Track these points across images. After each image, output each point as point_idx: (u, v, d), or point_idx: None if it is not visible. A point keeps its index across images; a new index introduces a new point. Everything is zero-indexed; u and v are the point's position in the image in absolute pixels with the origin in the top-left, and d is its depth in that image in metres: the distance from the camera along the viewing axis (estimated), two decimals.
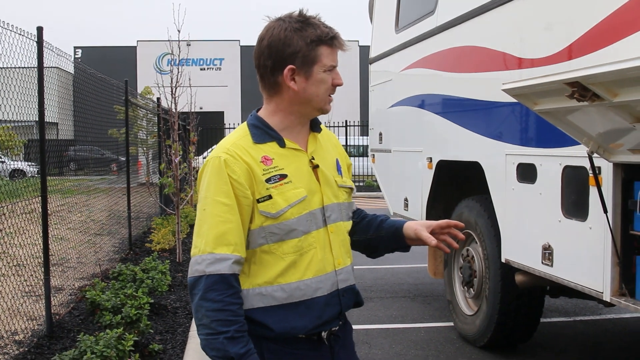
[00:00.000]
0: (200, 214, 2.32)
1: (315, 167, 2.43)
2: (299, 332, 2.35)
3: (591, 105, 3.37)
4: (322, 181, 2.44)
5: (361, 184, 28.16)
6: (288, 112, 2.42)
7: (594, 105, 3.36)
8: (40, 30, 6.36)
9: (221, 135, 32.55)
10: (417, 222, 2.57)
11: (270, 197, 2.30)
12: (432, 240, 2.48)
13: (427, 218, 7.21)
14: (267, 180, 2.30)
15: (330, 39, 2.36)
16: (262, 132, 2.39)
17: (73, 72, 9.92)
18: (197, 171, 14.60)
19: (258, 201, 2.30)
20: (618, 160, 4.01)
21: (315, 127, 2.53)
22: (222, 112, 44.86)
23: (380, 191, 9.28)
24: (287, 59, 2.33)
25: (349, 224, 2.56)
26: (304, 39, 2.32)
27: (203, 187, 2.34)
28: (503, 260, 5.53)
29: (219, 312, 2.20)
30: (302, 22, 2.35)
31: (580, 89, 3.31)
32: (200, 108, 21.91)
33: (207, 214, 2.29)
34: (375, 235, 2.65)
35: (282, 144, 2.39)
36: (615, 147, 3.93)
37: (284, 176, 2.33)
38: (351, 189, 2.60)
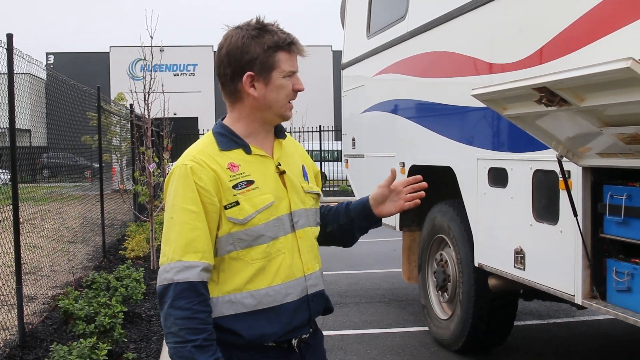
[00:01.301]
0: (167, 222, 2.32)
1: (282, 173, 2.45)
2: (268, 339, 2.35)
3: (559, 110, 3.41)
4: (289, 187, 2.45)
5: (336, 188, 28.18)
6: (251, 119, 2.43)
7: (562, 110, 3.41)
8: (10, 37, 6.31)
9: (195, 141, 32.41)
10: (379, 188, 2.68)
11: (237, 203, 2.30)
12: (398, 205, 2.68)
13: (401, 222, 7.24)
14: (234, 187, 2.31)
15: (288, 45, 2.38)
16: (227, 140, 2.41)
17: (45, 79, 9.84)
18: None
19: (225, 207, 2.30)
20: (587, 164, 4.05)
21: (279, 133, 2.55)
22: (197, 118, 44.71)
23: (354, 196, 9.29)
24: (245, 66, 2.35)
25: (316, 230, 2.57)
26: (262, 46, 2.34)
27: (170, 195, 2.35)
28: (476, 264, 5.56)
29: (187, 320, 2.19)
30: (260, 29, 2.36)
31: (548, 94, 3.35)
32: (174, 114, 21.83)
33: (174, 222, 2.29)
34: (346, 220, 2.70)
35: (248, 151, 2.40)
36: (584, 151, 3.98)
37: (250, 182, 2.34)
38: (318, 194, 2.61)
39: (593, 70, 2.96)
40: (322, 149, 31.17)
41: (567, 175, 4.12)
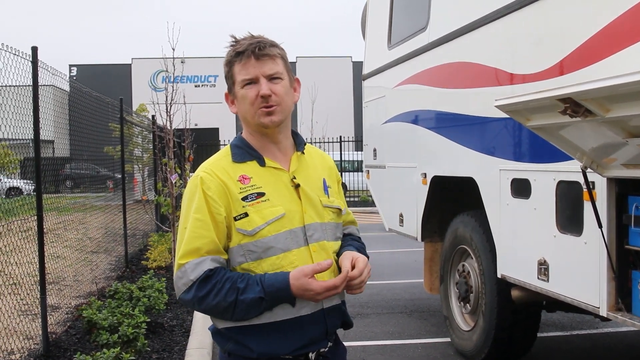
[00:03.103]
0: (180, 231, 2.39)
1: (296, 186, 2.45)
2: (281, 354, 2.36)
3: (584, 120, 3.39)
4: (304, 200, 2.44)
5: (356, 199, 28.18)
6: (248, 132, 2.51)
7: (587, 120, 3.39)
8: (35, 50, 6.38)
9: (216, 152, 32.54)
10: (346, 253, 2.48)
11: (246, 214, 2.33)
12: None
13: (423, 234, 7.22)
14: (244, 199, 2.34)
15: (236, 55, 2.39)
16: (243, 152, 2.46)
17: (69, 91, 9.93)
18: None
19: (235, 219, 2.34)
20: (612, 175, 4.03)
21: (299, 146, 2.56)
22: (217, 129, 44.88)
23: (375, 206, 9.29)
24: (228, 86, 2.48)
25: (335, 244, 2.53)
26: (225, 63, 2.44)
27: (184, 205, 2.42)
28: (499, 275, 5.54)
29: (222, 294, 2.26)
30: (231, 46, 2.43)
31: (572, 105, 3.34)
32: (195, 125, 21.93)
33: (186, 231, 2.35)
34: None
35: (262, 163, 2.44)
36: (608, 162, 3.96)
37: (261, 194, 2.37)
38: (339, 209, 2.59)
39: (619, 80, 2.95)
40: (343, 159, 31.19)
41: (591, 186, 4.09)
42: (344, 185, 31.60)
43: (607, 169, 3.99)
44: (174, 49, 11.02)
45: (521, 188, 5.13)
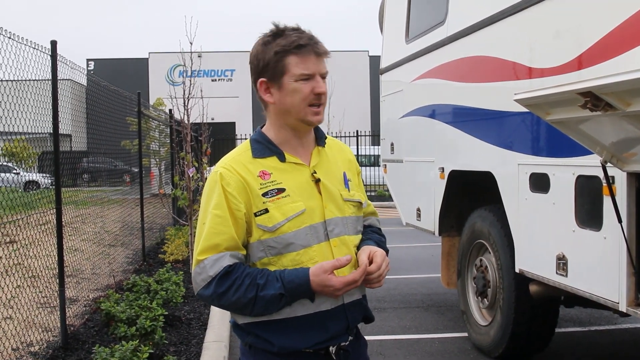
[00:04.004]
0: (199, 227, 2.38)
1: (317, 181, 2.43)
2: (301, 347, 2.36)
3: (604, 115, 3.37)
4: (325, 195, 2.43)
5: (373, 193, 28.14)
6: (278, 125, 2.44)
7: (607, 115, 3.37)
8: (54, 44, 6.42)
9: (233, 146, 32.66)
10: (364, 247, 2.47)
11: (266, 210, 2.32)
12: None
13: (440, 228, 7.20)
14: (264, 195, 2.33)
15: (297, 47, 2.33)
16: (263, 147, 2.43)
17: (86, 85, 9.98)
18: None
19: (255, 215, 2.33)
20: (632, 170, 4.00)
21: (319, 140, 2.54)
22: (234, 123, 44.99)
23: (393, 201, 9.27)
24: (260, 73, 2.38)
25: (355, 238, 2.51)
26: (271, 51, 2.34)
27: (203, 201, 2.42)
28: (517, 270, 5.52)
29: (241, 290, 2.26)
30: (273, 35, 2.37)
31: (593, 99, 3.31)
32: (212, 119, 21.99)
33: (205, 227, 2.34)
34: None
35: (282, 159, 2.41)
36: (628, 157, 3.93)
37: (281, 190, 2.35)
38: (359, 202, 2.57)
39: (618, 78, 2.93)
40: (359, 153, 31.17)
41: (611, 181, 4.07)
42: None
43: (627, 163, 3.97)
44: (191, 43, 11.02)
45: (540, 182, 5.10)
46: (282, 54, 2.32)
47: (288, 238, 2.32)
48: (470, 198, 6.88)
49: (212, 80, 46.78)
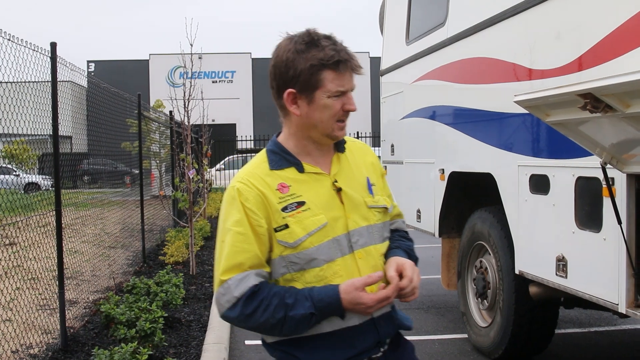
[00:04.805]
0: (219, 244, 2.28)
1: (338, 190, 2.32)
2: None
3: (604, 116, 3.37)
4: (347, 205, 2.32)
5: None
6: (299, 136, 2.33)
7: (607, 116, 3.36)
8: (54, 46, 6.42)
9: (233, 148, 32.66)
10: (391, 259, 2.36)
11: (286, 226, 2.22)
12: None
13: (440, 229, 7.19)
14: (284, 209, 2.23)
15: (335, 63, 2.21)
16: (280, 158, 2.32)
17: (86, 86, 9.98)
18: (210, 184, 14.69)
19: (275, 230, 2.23)
20: (631, 171, 3.99)
21: (338, 146, 2.42)
22: (234, 125, 45.02)
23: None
24: (288, 82, 2.24)
25: (382, 246, 2.41)
26: (305, 62, 2.20)
27: (221, 217, 2.31)
28: (517, 271, 5.51)
29: (270, 310, 2.17)
30: (308, 43, 2.22)
31: (592, 101, 3.31)
32: (213, 120, 22.02)
33: (225, 245, 2.24)
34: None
35: (300, 169, 2.31)
36: (628, 158, 3.92)
37: (301, 203, 2.25)
38: (385, 208, 2.45)
39: (618, 80, 2.92)
40: None
41: (611, 182, 4.06)
42: None
43: (627, 164, 3.96)
44: (191, 45, 11.04)
45: (540, 184, 5.09)
46: (318, 68, 2.20)
47: (311, 253, 2.22)
48: (470, 199, 6.87)
49: (213, 82, 46.81)
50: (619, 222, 3.98)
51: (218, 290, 2.23)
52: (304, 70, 2.21)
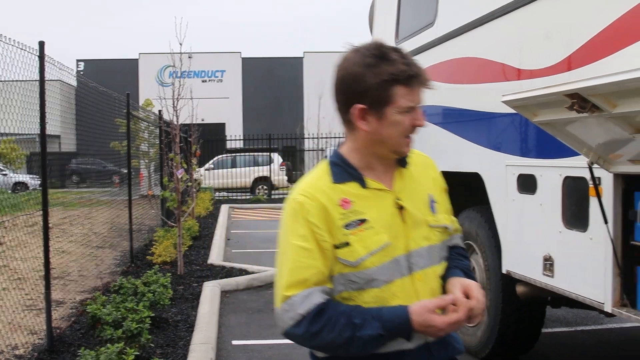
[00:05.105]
0: (280, 257, 2.20)
1: (400, 208, 2.22)
2: None
3: (591, 116, 3.37)
4: (409, 223, 2.22)
5: None
6: (364, 151, 2.23)
7: (594, 116, 3.37)
8: (42, 44, 6.38)
9: (222, 147, 32.61)
10: (455, 280, 2.27)
11: (347, 244, 2.14)
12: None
13: None
14: (346, 226, 2.14)
15: (408, 78, 2.11)
16: (342, 171, 2.22)
17: (75, 85, 9.95)
18: (198, 183, 14.66)
19: (336, 247, 2.14)
20: (618, 171, 4.00)
21: (401, 161, 2.31)
22: (224, 124, 44.97)
23: None
24: (357, 96, 2.14)
25: (440, 267, 2.32)
26: (377, 77, 2.10)
27: (283, 230, 2.21)
28: (504, 271, 5.52)
29: (337, 330, 2.08)
30: (378, 57, 2.11)
31: (579, 101, 3.32)
32: (202, 120, 21.98)
33: (287, 259, 2.16)
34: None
35: (363, 185, 2.20)
36: (615, 158, 3.93)
37: (363, 221, 2.15)
38: (446, 227, 2.36)
39: (626, 76, 2.93)
40: None
41: (597, 182, 4.07)
42: None
43: (614, 164, 3.97)
44: (181, 44, 11.02)
45: (527, 183, 5.10)
46: (390, 83, 2.10)
47: (371, 274, 2.14)
48: (458, 199, 6.84)
49: (203, 81, 46.76)
50: (605, 222, 3.98)
51: (281, 307, 2.13)
52: (374, 86, 2.10)
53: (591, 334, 7.12)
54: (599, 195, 4.01)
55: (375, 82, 2.09)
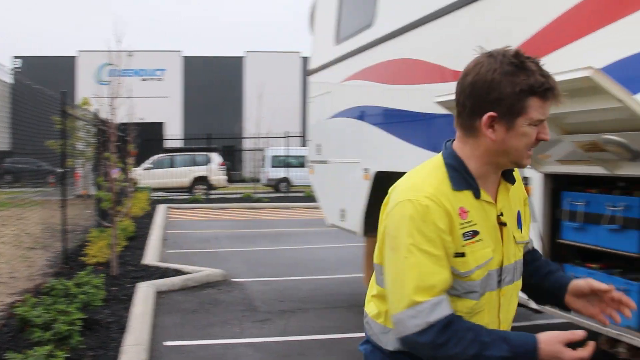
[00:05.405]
0: (400, 262, 2.10)
1: (501, 224, 2.19)
2: None
3: None
4: (506, 240, 2.20)
5: (301, 194, 28.17)
6: (483, 160, 2.15)
7: None
8: None
9: (161, 147, 32.30)
10: (585, 281, 2.29)
11: (463, 254, 2.10)
12: (592, 312, 2.26)
13: (365, 229, 7.20)
14: (463, 236, 2.10)
15: (544, 91, 2.04)
16: (460, 178, 2.14)
17: (11, 83, 9.72)
18: (134, 183, 14.43)
19: (454, 256, 2.10)
20: (546, 171, 4.07)
21: (508, 176, 2.26)
22: (163, 123, 44.57)
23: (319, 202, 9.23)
24: (489, 104, 2.07)
25: (520, 282, 2.33)
26: (513, 86, 2.04)
27: (403, 232, 2.09)
28: None
29: (463, 345, 2.02)
30: (516, 66, 2.06)
31: None
32: (142, 119, 21.69)
33: (413, 263, 2.06)
34: (537, 284, 2.43)
35: (477, 195, 2.14)
36: (543, 158, 3.99)
37: (476, 233, 2.12)
38: (527, 243, 2.38)
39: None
40: (289, 154, 31.37)
41: (526, 182, 4.12)
42: (286, 180, 31.73)
43: (542, 164, 4.03)
44: (120, 42, 10.85)
45: None
46: (526, 94, 2.03)
47: (473, 286, 2.12)
48: None
49: (143, 80, 46.17)
50: (534, 221, 4.04)
51: (406, 312, 2.05)
52: (510, 95, 2.04)
53: (520, 329, 7.19)
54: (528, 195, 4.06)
55: (511, 91, 2.03)
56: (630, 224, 3.66)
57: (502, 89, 2.03)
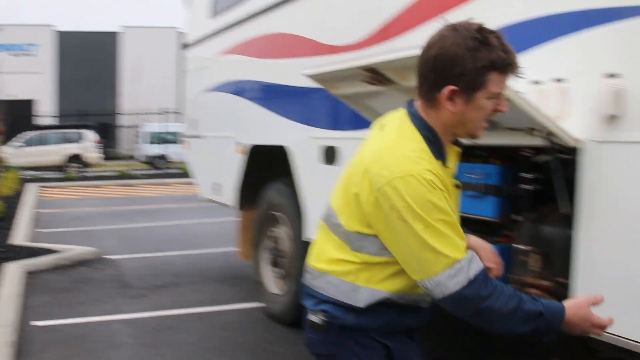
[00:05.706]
0: (428, 231, 2.08)
1: (457, 187, 2.30)
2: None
3: (386, 89, 3.59)
4: (458, 202, 2.33)
5: (178, 171, 27.85)
6: (443, 130, 2.21)
7: (389, 89, 3.59)
8: None
9: (30, 124, 31.21)
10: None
11: None
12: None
13: (240, 202, 7.28)
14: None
15: (504, 66, 2.11)
16: (435, 149, 2.20)
17: None
18: (1, 161, 13.95)
19: None
20: None
21: (458, 141, 2.33)
22: (34, 100, 43.01)
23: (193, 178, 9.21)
24: (451, 78, 2.10)
25: None
26: (476, 62, 2.07)
27: (417, 205, 2.08)
28: (304, 238, 5.72)
29: (503, 298, 2.10)
30: (480, 41, 2.08)
31: (374, 74, 3.52)
32: (14, 96, 20.91)
33: (440, 230, 2.09)
34: None
35: (445, 164, 2.23)
36: None
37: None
38: None
39: (407, 54, 3.12)
40: (165, 131, 31.05)
41: None
42: (163, 157, 31.32)
43: None
44: None
45: (329, 155, 5.30)
46: (487, 69, 2.08)
47: None
48: (268, 172, 7.00)
49: (14, 55, 44.27)
50: None
51: (444, 273, 2.08)
52: (472, 70, 2.08)
53: None
54: None
55: (473, 66, 2.07)
56: (489, 191, 3.88)
57: (464, 64, 2.07)
